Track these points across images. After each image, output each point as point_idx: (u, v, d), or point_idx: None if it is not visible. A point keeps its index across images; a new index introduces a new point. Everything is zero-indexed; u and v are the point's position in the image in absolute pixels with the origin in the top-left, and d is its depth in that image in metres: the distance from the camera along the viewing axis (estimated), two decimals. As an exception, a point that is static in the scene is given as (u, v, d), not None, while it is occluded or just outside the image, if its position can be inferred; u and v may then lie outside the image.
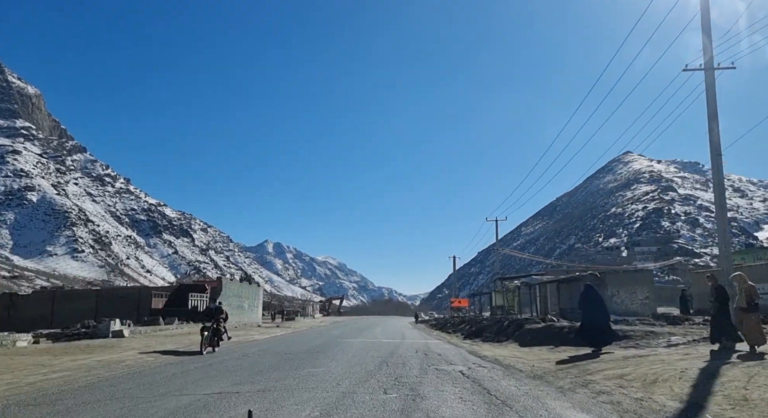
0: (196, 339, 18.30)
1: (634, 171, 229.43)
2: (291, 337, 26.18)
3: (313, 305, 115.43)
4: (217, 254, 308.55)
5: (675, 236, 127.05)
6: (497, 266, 60.56)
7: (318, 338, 24.50)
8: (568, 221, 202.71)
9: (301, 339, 23.58)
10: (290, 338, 24.64)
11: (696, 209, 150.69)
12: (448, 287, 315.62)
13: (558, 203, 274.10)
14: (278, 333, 30.64)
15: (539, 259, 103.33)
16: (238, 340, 21.82)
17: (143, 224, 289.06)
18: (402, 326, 44.99)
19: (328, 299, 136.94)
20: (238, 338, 22.57)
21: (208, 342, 15.42)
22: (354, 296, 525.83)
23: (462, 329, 30.26)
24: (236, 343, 19.79)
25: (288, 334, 30.03)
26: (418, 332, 32.68)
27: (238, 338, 22.78)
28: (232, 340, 18.77)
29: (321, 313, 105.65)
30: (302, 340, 22.80)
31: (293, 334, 29.99)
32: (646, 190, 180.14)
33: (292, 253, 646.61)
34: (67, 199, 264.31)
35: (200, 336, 15.55)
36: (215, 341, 15.87)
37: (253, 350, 16.31)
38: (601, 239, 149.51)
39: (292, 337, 26.16)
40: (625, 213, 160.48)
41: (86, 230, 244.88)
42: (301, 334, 29.70)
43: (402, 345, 18.93)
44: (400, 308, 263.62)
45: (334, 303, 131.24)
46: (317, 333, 30.05)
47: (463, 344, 20.44)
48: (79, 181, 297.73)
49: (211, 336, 15.53)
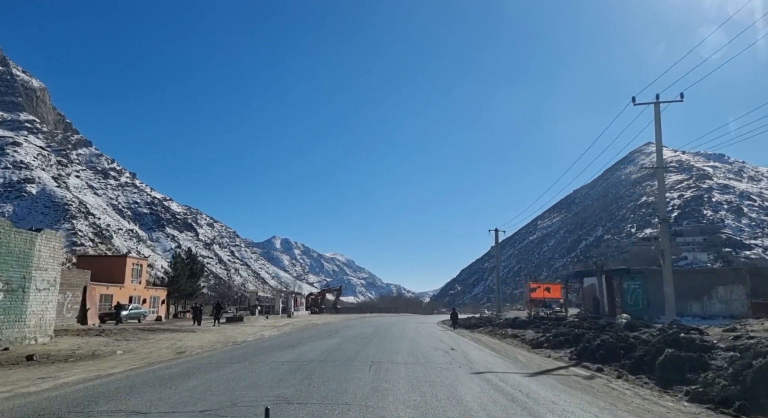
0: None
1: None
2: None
3: (297, 298, 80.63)
4: (222, 249, 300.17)
5: (720, 225, 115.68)
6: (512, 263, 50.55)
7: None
8: (590, 212, 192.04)
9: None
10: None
11: (737, 198, 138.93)
12: (461, 282, 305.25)
13: (576, 196, 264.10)
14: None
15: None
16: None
17: (146, 217, 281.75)
18: (438, 338, 24.04)
19: (321, 292, 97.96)
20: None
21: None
22: (362, 293, 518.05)
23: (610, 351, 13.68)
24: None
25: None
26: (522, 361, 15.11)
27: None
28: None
29: (309, 310, 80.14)
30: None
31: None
32: (677, 179, 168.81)
33: (300, 249, 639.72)
34: (68, 191, 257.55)
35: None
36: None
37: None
38: (634, 230, 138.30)
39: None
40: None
41: (86, 223, 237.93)
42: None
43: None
44: (411, 304, 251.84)
45: (328, 298, 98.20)
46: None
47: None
48: (80, 173, 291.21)
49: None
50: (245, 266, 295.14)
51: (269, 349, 17.57)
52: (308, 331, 30.01)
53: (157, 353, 16.69)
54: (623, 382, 10.80)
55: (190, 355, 16.02)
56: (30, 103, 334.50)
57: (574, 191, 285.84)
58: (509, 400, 8.33)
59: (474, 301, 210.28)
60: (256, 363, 13.21)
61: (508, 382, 10.45)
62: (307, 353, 16.03)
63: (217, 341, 21.58)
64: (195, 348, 18.33)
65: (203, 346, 19.27)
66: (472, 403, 7.99)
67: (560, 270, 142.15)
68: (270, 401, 7.68)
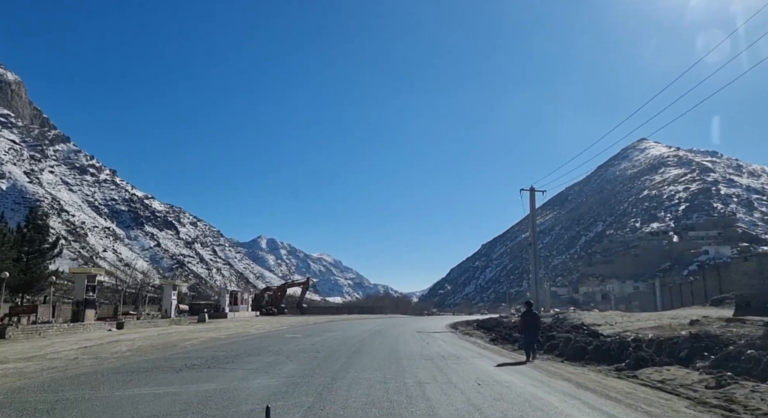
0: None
1: (654, 157, 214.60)
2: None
3: (238, 294, 56.95)
4: (204, 248, 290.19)
5: (732, 219, 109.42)
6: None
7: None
8: (585, 208, 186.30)
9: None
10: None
11: (745, 192, 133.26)
12: (451, 281, 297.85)
13: (569, 193, 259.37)
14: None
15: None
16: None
17: (124, 214, 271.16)
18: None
19: (280, 287, 75.72)
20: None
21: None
22: (349, 293, 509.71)
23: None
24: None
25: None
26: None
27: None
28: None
29: (262, 310, 60.47)
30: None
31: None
32: (677, 173, 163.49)
33: (286, 249, 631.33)
34: (40, 187, 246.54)
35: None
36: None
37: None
38: (638, 224, 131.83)
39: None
40: (663, 195, 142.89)
41: (59, 220, 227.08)
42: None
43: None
44: (399, 304, 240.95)
45: (291, 293, 76.67)
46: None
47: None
48: (55, 169, 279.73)
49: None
50: (228, 266, 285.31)
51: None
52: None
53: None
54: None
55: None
56: (4, 96, 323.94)
57: (566, 188, 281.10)
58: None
59: (466, 300, 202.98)
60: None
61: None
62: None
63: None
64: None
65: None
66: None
67: (559, 267, 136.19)
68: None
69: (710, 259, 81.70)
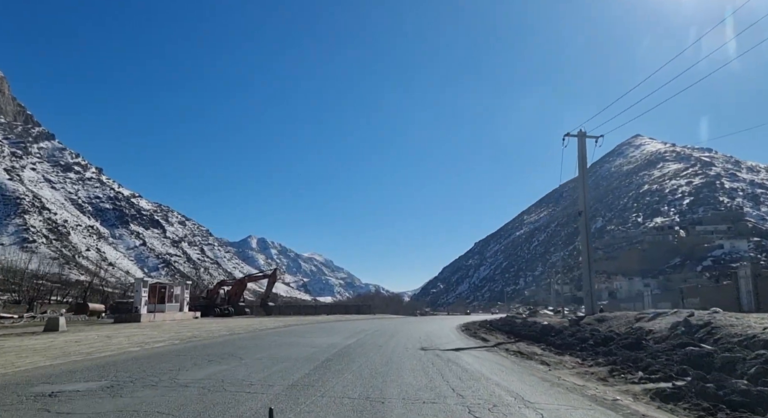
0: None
1: (651, 152, 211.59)
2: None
3: (167, 290, 40.34)
4: (191, 247, 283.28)
5: (740, 213, 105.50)
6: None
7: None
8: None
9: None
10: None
11: (749, 186, 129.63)
12: (443, 280, 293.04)
13: (563, 190, 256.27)
14: None
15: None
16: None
17: (108, 213, 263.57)
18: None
19: (239, 281, 61.15)
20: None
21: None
22: (340, 293, 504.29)
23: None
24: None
25: None
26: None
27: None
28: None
29: (195, 310, 44.46)
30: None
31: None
32: (677, 167, 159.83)
33: (276, 249, 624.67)
34: (21, 184, 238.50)
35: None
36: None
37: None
38: (641, 219, 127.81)
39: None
40: (665, 189, 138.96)
41: (40, 218, 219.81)
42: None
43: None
44: (391, 303, 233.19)
45: (253, 287, 62.14)
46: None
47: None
48: (37, 166, 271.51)
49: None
50: (216, 265, 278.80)
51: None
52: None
53: None
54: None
55: None
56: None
57: (560, 186, 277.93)
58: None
59: (459, 300, 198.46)
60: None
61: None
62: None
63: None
64: None
65: None
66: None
67: (558, 264, 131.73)
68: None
69: (725, 254, 77.85)
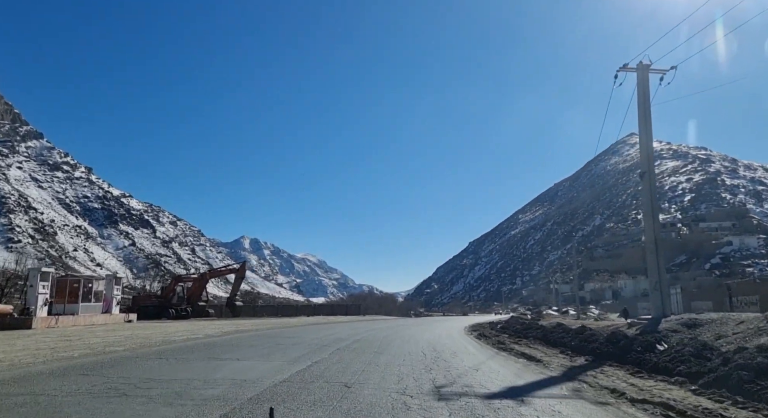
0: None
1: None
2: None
3: (82, 284, 31.46)
4: (182, 247, 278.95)
5: (744, 209, 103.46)
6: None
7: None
8: (579, 203, 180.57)
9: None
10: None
11: (750, 183, 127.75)
12: (438, 280, 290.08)
13: (558, 189, 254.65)
14: None
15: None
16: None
17: (97, 213, 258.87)
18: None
19: (200, 276, 52.71)
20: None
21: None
22: (333, 294, 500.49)
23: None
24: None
25: None
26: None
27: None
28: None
29: (129, 313, 36.13)
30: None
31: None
32: (675, 165, 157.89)
33: (269, 249, 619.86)
34: (7, 183, 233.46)
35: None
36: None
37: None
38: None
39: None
40: (664, 186, 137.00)
41: (26, 217, 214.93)
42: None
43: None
44: (384, 303, 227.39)
45: (221, 283, 50.26)
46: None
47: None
48: (23, 165, 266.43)
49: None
50: (207, 266, 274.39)
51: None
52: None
53: None
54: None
55: None
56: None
57: (555, 185, 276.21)
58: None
59: (454, 300, 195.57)
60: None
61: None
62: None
63: None
64: None
65: None
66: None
67: (555, 263, 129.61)
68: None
69: (735, 251, 75.63)
